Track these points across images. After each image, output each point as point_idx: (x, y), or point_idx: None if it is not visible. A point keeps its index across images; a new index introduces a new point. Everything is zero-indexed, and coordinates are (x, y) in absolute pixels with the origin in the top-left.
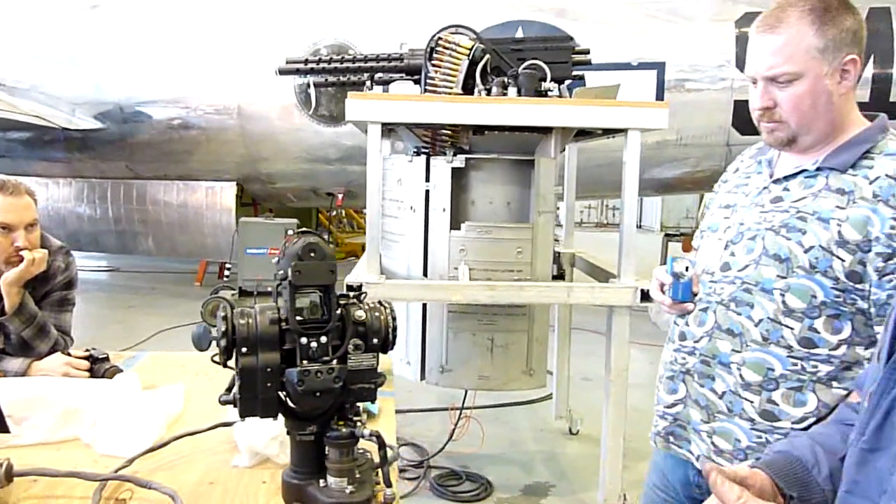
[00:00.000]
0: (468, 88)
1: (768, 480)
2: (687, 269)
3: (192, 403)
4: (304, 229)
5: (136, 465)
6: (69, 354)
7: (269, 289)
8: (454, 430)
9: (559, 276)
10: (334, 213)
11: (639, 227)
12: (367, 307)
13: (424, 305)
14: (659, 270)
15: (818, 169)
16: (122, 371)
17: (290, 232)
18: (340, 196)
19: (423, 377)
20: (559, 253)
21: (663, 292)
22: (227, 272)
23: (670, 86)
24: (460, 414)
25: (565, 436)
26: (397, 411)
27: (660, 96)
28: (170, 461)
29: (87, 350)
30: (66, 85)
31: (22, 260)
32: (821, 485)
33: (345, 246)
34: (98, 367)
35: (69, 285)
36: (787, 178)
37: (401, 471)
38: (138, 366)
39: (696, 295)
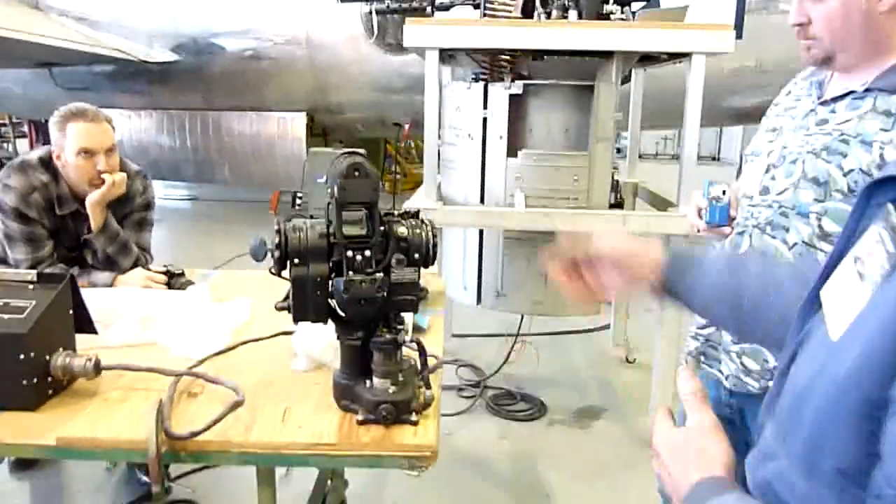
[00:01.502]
0: (528, 12)
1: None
2: (724, 192)
3: (256, 317)
4: (349, 150)
5: (205, 366)
6: (149, 269)
7: None
8: (510, 352)
9: (617, 205)
10: (402, 143)
11: (716, 159)
12: (409, 224)
13: (481, 232)
14: (697, 195)
15: (867, 90)
16: (195, 285)
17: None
18: (407, 126)
19: (479, 301)
20: (618, 182)
21: (700, 217)
22: (298, 201)
23: (752, 8)
24: (516, 339)
25: (621, 364)
26: (455, 335)
27: (739, 20)
28: (235, 364)
29: (165, 266)
30: (144, 18)
31: (104, 182)
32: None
33: (412, 176)
34: (174, 281)
35: (147, 207)
36: (834, 100)
37: (458, 389)
38: (211, 281)
39: (734, 219)
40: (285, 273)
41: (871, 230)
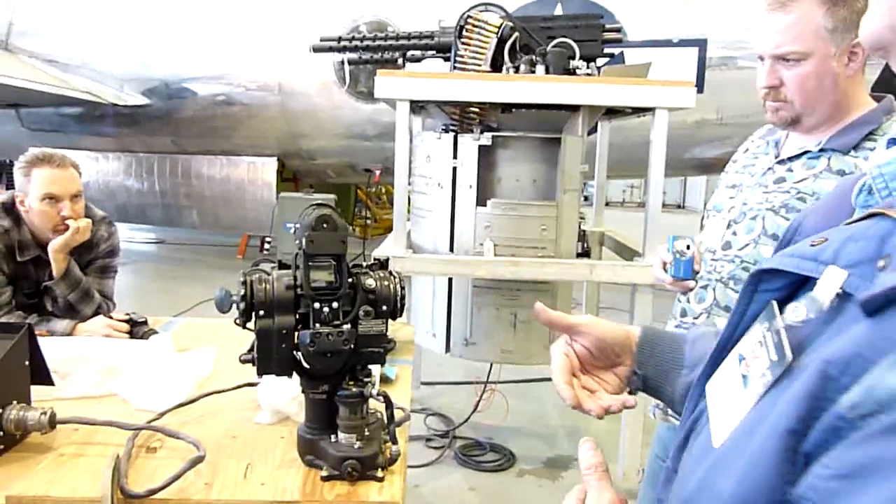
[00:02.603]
0: (497, 66)
1: (622, 345)
2: (688, 247)
3: (221, 366)
4: (318, 202)
5: (166, 419)
6: (111, 318)
7: None
8: (479, 401)
9: (584, 254)
10: (372, 189)
11: (682, 206)
12: (377, 276)
13: (450, 280)
14: (661, 249)
15: (821, 150)
16: (158, 334)
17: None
18: (378, 172)
19: (447, 349)
20: (585, 231)
21: (665, 271)
22: (267, 245)
23: (712, 63)
24: (485, 387)
25: None
26: (424, 383)
27: (700, 75)
28: (197, 417)
29: (128, 314)
30: (115, 62)
31: (68, 228)
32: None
33: (382, 222)
34: (137, 329)
35: (112, 253)
36: (791, 158)
37: (426, 440)
38: (174, 330)
39: (697, 273)
40: (251, 324)
41: (755, 328)
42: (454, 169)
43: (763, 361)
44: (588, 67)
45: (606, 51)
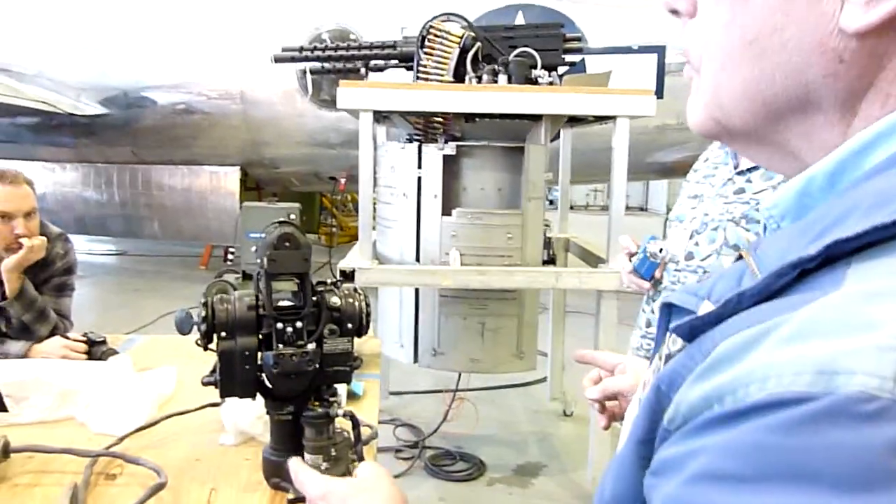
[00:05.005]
0: (459, 76)
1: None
2: (661, 250)
3: (183, 385)
4: (281, 219)
5: (126, 443)
6: (68, 338)
7: None
8: (448, 411)
9: (550, 261)
10: (338, 197)
11: (644, 209)
12: (342, 294)
13: (417, 290)
14: (625, 238)
15: None
16: (117, 353)
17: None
18: (343, 180)
19: (415, 360)
20: (550, 238)
21: (630, 261)
22: (230, 256)
23: (671, 69)
24: (454, 396)
25: (559, 417)
26: (392, 393)
27: (660, 80)
28: (159, 439)
29: (85, 334)
30: (72, 71)
31: (21, 247)
32: None
33: (348, 230)
34: (95, 349)
35: (68, 271)
36: (750, 170)
37: (396, 451)
38: (134, 349)
39: (658, 282)
40: (212, 346)
41: (655, 359)
42: (419, 179)
43: (648, 385)
44: (550, 76)
45: (567, 59)
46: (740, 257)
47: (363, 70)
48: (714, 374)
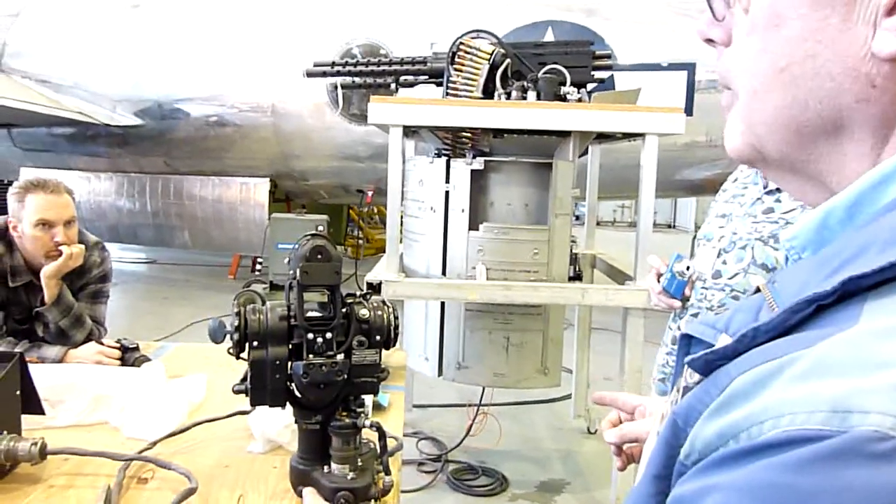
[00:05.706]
0: (489, 92)
1: None
2: (688, 268)
3: (213, 392)
4: (313, 232)
5: (158, 448)
6: (102, 344)
7: None
8: (471, 425)
9: (576, 277)
10: (365, 209)
11: (672, 226)
12: (371, 306)
13: (443, 303)
14: (654, 258)
15: None
16: (150, 360)
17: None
18: (370, 193)
19: (440, 373)
20: (577, 254)
21: (658, 281)
22: (258, 266)
23: (701, 87)
24: (478, 410)
25: (583, 434)
26: (416, 406)
27: (689, 98)
28: (189, 445)
29: (119, 340)
30: (108, 82)
31: (61, 254)
32: None
33: (375, 242)
34: (128, 356)
35: (104, 279)
36: (779, 189)
37: (419, 464)
38: (166, 356)
39: (687, 299)
40: (244, 355)
41: (673, 391)
42: (447, 193)
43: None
44: (579, 93)
45: (597, 76)
46: (758, 290)
47: (393, 85)
48: (729, 410)
